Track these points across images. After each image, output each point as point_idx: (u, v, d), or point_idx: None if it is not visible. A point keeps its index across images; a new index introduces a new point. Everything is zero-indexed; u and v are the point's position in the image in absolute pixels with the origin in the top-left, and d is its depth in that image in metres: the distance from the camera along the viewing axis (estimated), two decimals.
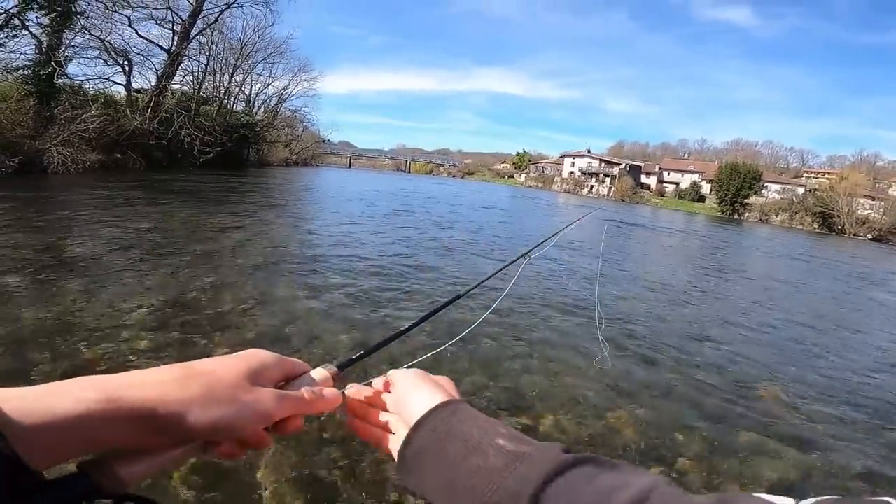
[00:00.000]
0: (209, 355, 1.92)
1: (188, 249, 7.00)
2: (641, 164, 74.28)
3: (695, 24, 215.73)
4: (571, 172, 72.44)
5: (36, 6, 14.77)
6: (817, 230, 51.52)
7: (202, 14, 25.40)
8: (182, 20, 24.23)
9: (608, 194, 64.71)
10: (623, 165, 68.77)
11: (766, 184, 59.96)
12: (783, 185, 62.49)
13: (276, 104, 41.14)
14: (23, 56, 15.63)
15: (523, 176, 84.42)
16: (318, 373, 0.50)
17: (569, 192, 67.00)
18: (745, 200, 56.84)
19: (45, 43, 15.89)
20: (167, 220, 9.33)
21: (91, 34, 18.20)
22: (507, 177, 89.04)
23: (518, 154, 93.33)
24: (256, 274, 6.02)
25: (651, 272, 10.45)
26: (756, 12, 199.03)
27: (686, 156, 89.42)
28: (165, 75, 23.93)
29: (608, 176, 67.66)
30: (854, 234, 49.40)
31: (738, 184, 56.42)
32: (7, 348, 3.36)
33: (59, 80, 16.07)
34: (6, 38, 14.00)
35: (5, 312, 3.96)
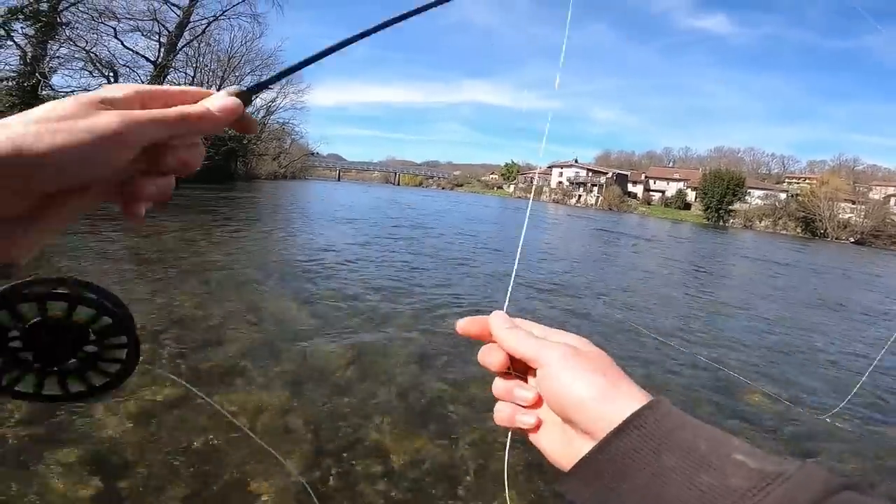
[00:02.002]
0: (199, 368, 2.63)
1: (177, 264, 6.96)
2: (628, 173, 75.28)
3: (674, 33, 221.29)
4: (560, 182, 73.14)
5: (21, 17, 14.66)
6: (801, 235, 52.45)
7: (189, 26, 25.40)
8: (169, 32, 24.20)
9: (596, 204, 65.41)
10: (610, 175, 69.64)
11: (749, 190, 61.03)
12: (766, 191, 63.65)
13: (263, 116, 41.06)
14: (7, 67, 15.48)
15: (512, 187, 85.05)
16: (216, 96, 0.38)
17: (557, 203, 67.58)
18: (730, 207, 57.78)
19: (29, 54, 15.75)
20: (155, 236, 9.22)
21: (76, 45, 18.07)
22: (495, 188, 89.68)
23: (506, 165, 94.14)
24: (245, 288, 5.98)
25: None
26: (732, 20, 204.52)
27: (671, 164, 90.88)
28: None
29: (595, 185, 68.43)
30: (836, 238, 50.38)
31: (722, 191, 57.37)
32: None
33: (44, 92, 15.89)
34: None
35: None
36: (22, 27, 15.22)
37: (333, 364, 3.91)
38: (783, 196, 60.75)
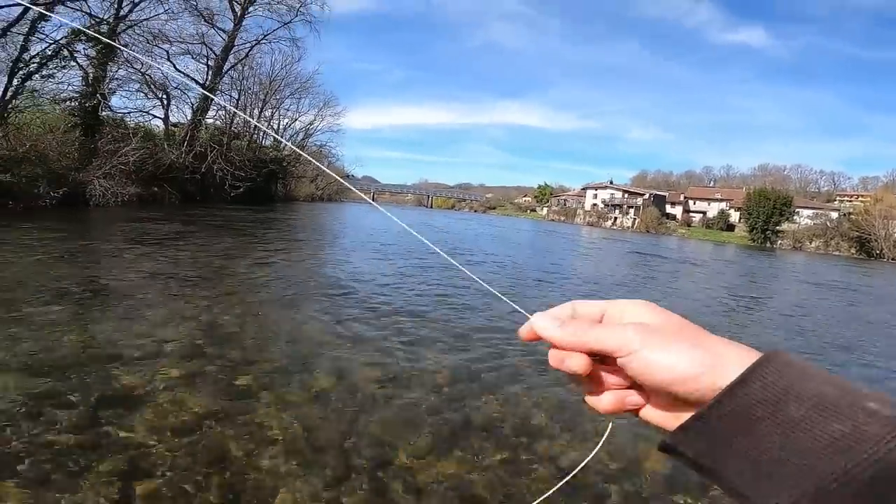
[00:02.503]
0: (238, 382, 3.12)
1: (221, 283, 7.29)
2: (666, 194, 73.44)
3: (709, 48, 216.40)
4: (594, 205, 72.02)
5: (84, 38, 15.70)
6: (855, 255, 49.50)
7: (234, 49, 26.74)
8: (215, 55, 25.49)
9: (632, 226, 63.83)
10: (647, 196, 68.10)
11: (797, 209, 58.36)
12: (815, 210, 60.73)
13: (302, 139, 42.42)
14: (70, 87, 16.54)
15: (545, 209, 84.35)
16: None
17: (592, 225, 66.35)
18: (777, 228, 55.28)
19: (91, 74, 16.79)
20: (200, 254, 9.58)
21: (133, 67, 19.24)
22: (528, 210, 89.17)
23: (539, 187, 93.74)
24: (285, 308, 6.14)
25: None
26: (769, 32, 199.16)
27: (712, 183, 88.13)
28: (200, 109, 24.98)
29: (632, 207, 66.98)
30: (893, 259, 47.24)
31: (768, 211, 55.04)
32: (47, 373, 3.48)
33: (104, 113, 16.84)
34: (56, 68, 14.82)
35: (47, 338, 4.16)
36: (84, 48, 16.31)
37: (366, 383, 3.95)
38: (834, 215, 57.67)
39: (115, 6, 17.32)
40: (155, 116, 22.97)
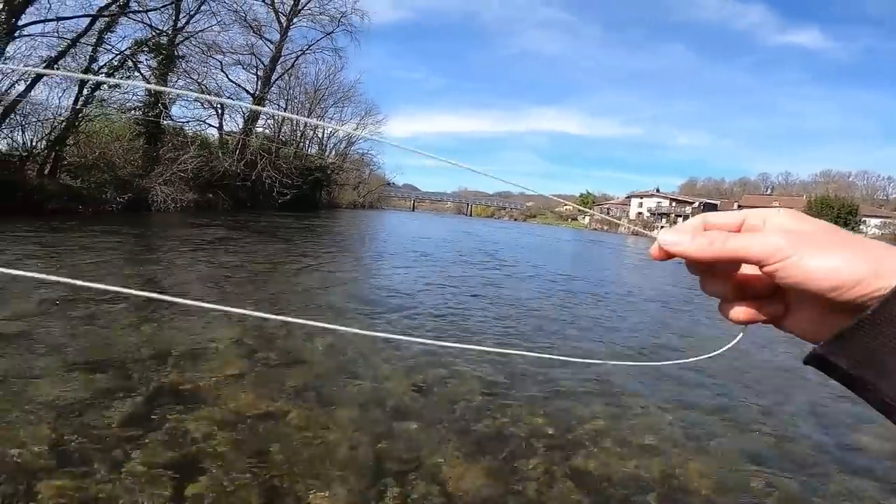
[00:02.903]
0: (283, 383, 3.44)
1: (269, 287, 7.59)
2: (717, 203, 70.29)
3: (762, 50, 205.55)
4: (639, 213, 69.86)
5: (146, 49, 16.51)
6: None
7: (280, 59, 27.62)
8: (264, 65, 26.39)
9: None
10: (696, 204, 65.48)
11: (864, 218, 54.63)
12: (884, 219, 56.56)
13: (345, 147, 43.31)
14: (135, 97, 17.43)
15: (587, 218, 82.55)
16: None
17: (637, 236, 64.35)
18: None
19: (153, 84, 17.64)
20: (251, 258, 9.89)
21: (190, 77, 20.14)
22: (570, 219, 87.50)
23: (581, 195, 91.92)
24: (330, 313, 6.26)
25: None
26: (826, 34, 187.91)
27: (769, 191, 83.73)
28: (251, 118, 25.86)
29: (680, 216, 64.49)
30: None
31: (831, 219, 51.17)
32: (103, 369, 3.62)
33: (165, 122, 17.64)
34: (121, 78, 15.63)
35: (107, 336, 4.37)
36: (146, 59, 17.18)
37: (403, 389, 3.95)
38: None
39: (173, 18, 18.19)
40: (210, 125, 23.98)
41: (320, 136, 40.11)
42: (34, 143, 13.31)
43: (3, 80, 12.58)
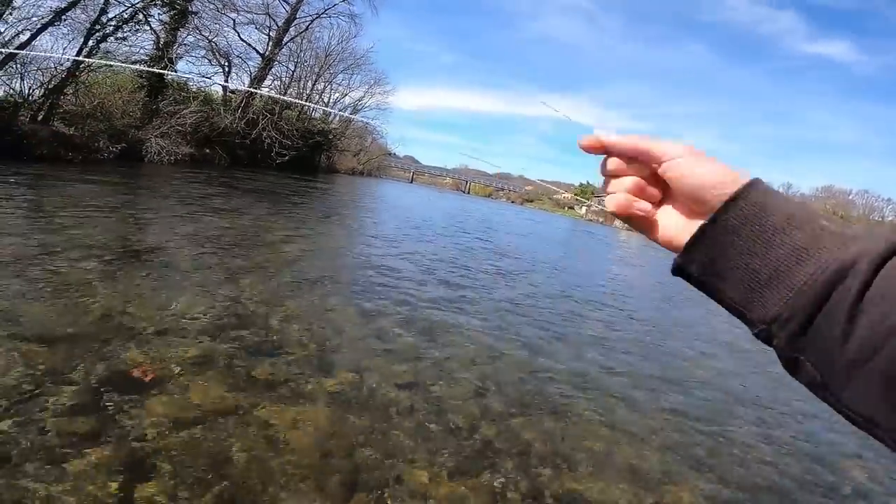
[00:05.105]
0: (251, 372, 2.91)
1: (254, 254, 7.03)
2: None
3: (786, 57, 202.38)
4: None
5: (159, 3, 16.13)
6: None
7: (295, 22, 26.95)
8: (277, 26, 25.79)
9: None
10: None
11: None
12: None
13: (350, 113, 42.64)
14: (141, 51, 17.08)
15: (584, 209, 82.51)
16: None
17: (632, 231, 64.51)
18: None
19: (162, 39, 17.29)
20: (239, 219, 9.58)
21: (201, 34, 19.69)
22: (566, 208, 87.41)
23: (581, 185, 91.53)
24: (312, 290, 5.82)
25: None
26: (858, 47, 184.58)
27: None
28: (257, 78, 25.41)
29: None
30: None
31: None
32: (53, 345, 3.25)
33: (169, 76, 17.39)
34: (130, 32, 15.33)
35: (64, 304, 3.93)
36: (159, 13, 16.77)
37: (387, 388, 3.64)
38: None
39: None
40: (215, 83, 23.58)
41: (325, 101, 39.50)
42: (30, 91, 13.13)
43: (8, 29, 12.30)
